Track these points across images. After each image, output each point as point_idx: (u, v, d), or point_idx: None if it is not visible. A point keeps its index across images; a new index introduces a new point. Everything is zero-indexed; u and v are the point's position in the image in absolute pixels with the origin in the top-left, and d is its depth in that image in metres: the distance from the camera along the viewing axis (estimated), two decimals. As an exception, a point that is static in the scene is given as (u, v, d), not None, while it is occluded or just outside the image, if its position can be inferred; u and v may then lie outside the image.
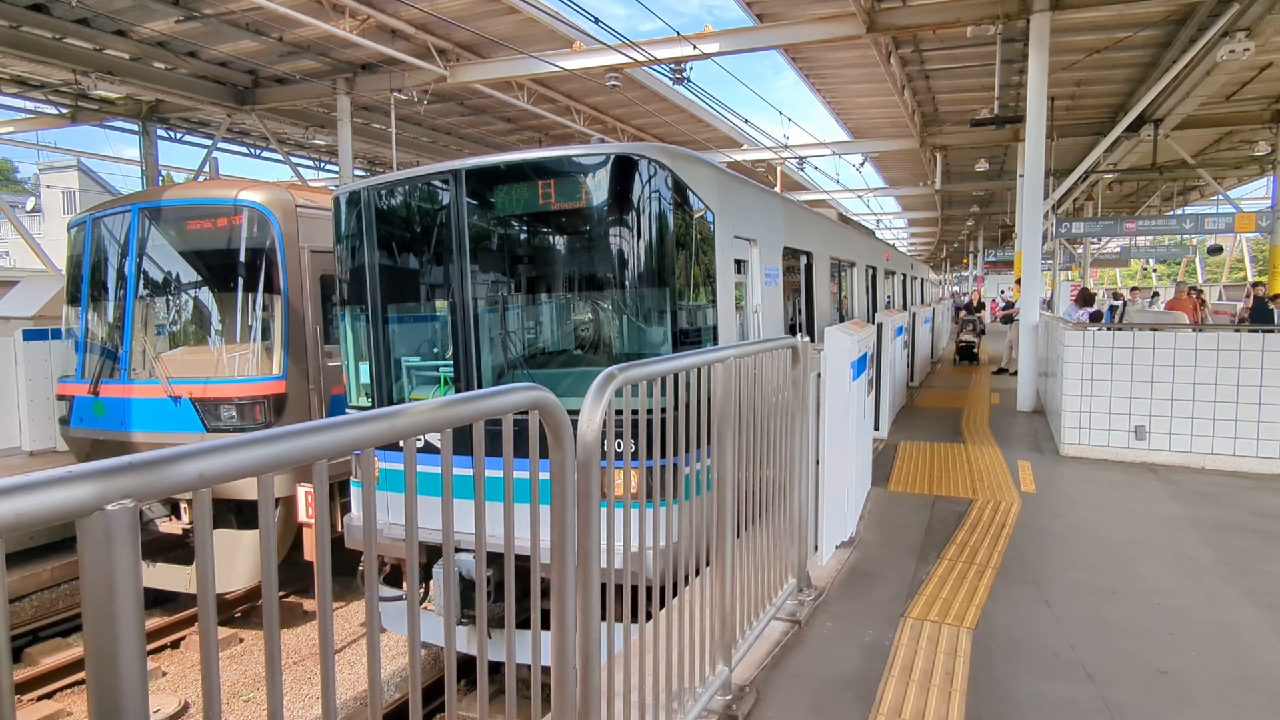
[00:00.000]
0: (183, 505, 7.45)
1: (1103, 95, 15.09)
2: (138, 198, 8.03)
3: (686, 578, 2.79)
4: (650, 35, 11.83)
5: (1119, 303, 19.62)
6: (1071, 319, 11.80)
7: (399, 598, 5.73)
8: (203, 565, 1.16)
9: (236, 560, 7.33)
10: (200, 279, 7.68)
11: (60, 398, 8.06)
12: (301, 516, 6.98)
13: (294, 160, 18.67)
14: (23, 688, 6.59)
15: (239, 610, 8.14)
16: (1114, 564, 4.83)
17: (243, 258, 7.41)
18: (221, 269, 7.61)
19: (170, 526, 7.56)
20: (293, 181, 14.80)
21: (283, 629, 7.61)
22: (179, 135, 17.36)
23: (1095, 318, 12.63)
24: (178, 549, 7.83)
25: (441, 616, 1.75)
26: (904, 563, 4.86)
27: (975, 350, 17.66)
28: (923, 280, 24.83)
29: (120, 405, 7.49)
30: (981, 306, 18.95)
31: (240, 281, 7.43)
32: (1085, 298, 13.61)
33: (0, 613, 0.89)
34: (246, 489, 6.50)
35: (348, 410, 6.53)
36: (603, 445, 2.10)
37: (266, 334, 7.38)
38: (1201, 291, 16.91)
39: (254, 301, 7.39)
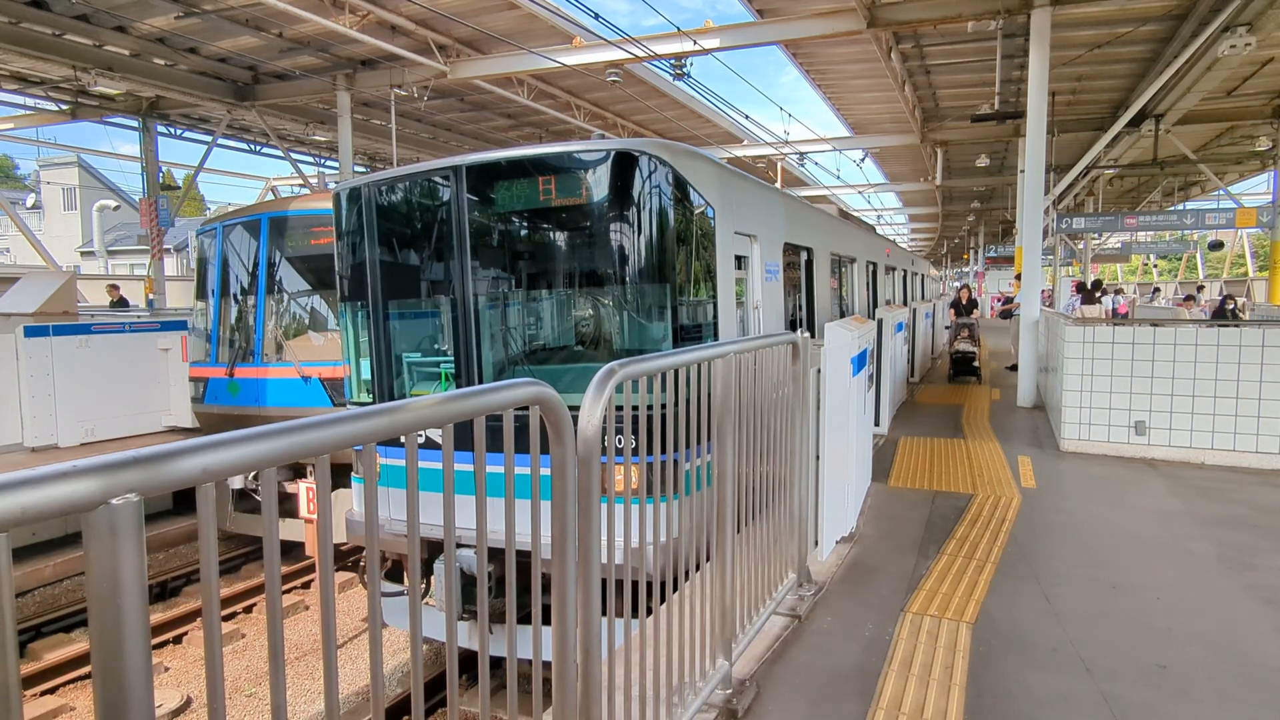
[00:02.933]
0: (309, 468, 7.61)
1: (1104, 90, 15.06)
2: (266, 208, 9.06)
3: (687, 573, 2.80)
4: (652, 31, 11.83)
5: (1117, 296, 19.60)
6: (1069, 310, 11.81)
7: (400, 593, 5.75)
8: (207, 561, 1.16)
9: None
10: (321, 278, 8.39)
11: (193, 380, 9.08)
12: (303, 512, 7.01)
13: (294, 156, 18.65)
14: (26, 683, 6.62)
15: (242, 605, 8.18)
16: (1114, 559, 4.84)
17: None
18: None
19: (292, 488, 7.83)
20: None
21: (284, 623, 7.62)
22: (179, 131, 17.36)
23: (1088, 300, 12.49)
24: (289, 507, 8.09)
25: (443, 612, 1.75)
26: (904, 558, 4.87)
27: (975, 362, 13.84)
28: (923, 276, 24.82)
29: (254, 384, 8.46)
30: (974, 305, 14.91)
31: None
32: (1083, 289, 13.56)
33: (7, 607, 0.90)
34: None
35: (348, 405, 6.54)
36: (603, 441, 2.11)
37: None
38: (1232, 299, 15.89)
39: None
